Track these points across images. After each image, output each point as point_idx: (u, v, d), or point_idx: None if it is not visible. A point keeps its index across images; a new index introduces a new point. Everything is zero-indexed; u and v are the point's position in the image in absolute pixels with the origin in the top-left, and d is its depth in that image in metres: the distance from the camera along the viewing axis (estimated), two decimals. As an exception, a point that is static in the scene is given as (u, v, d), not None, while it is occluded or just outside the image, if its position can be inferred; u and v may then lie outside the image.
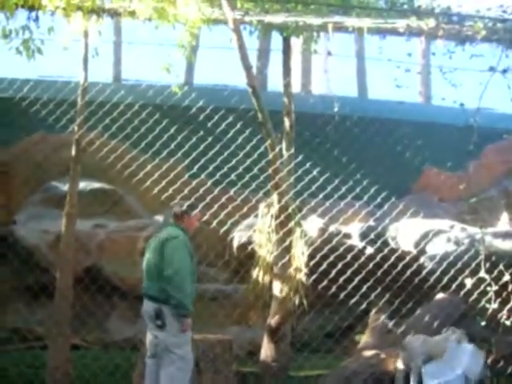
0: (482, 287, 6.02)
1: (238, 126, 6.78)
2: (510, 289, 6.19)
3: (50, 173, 9.52)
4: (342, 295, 6.71)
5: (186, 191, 7.07)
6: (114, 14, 5.97)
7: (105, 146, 7.58)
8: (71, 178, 6.95)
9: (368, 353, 7.34)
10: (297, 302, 6.73)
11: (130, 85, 10.02)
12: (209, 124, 6.88)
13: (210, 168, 6.90)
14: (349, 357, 8.01)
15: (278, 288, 7.00)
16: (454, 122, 10.30)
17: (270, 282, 6.95)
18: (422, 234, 7.69)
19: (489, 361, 6.53)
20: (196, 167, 7.15)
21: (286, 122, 7.49)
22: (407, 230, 7.93)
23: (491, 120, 9.71)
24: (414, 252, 7.45)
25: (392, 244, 7.73)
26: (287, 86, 7.60)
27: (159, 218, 9.24)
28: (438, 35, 5.66)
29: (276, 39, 7.58)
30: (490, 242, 6.99)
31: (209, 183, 7.41)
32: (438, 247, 7.36)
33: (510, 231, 7.89)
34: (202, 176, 7.22)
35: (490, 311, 6.01)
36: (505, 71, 6.19)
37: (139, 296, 7.41)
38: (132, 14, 6.02)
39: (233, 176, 7.04)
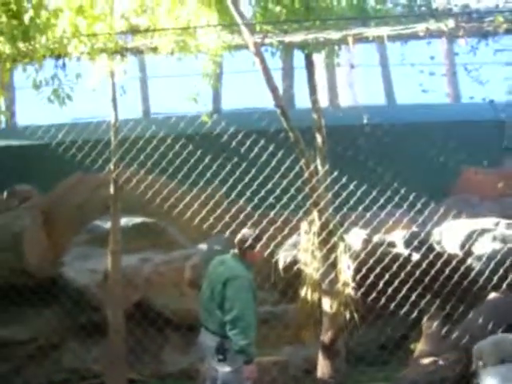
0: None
1: (271, 148, 6.79)
2: None
3: (90, 213, 9.67)
4: (391, 306, 6.67)
5: (226, 218, 7.13)
6: (137, 51, 6.10)
7: (142, 182, 7.73)
8: (112, 216, 7.09)
9: (425, 361, 7.26)
10: (348, 316, 6.68)
11: (160, 119, 10.16)
12: (242, 149, 6.92)
13: (248, 193, 6.90)
14: (405, 367, 7.98)
15: (327, 304, 6.98)
16: (485, 119, 10.25)
17: (319, 299, 6.93)
18: (466, 235, 7.59)
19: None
20: (234, 193, 7.20)
21: (318, 138, 7.49)
22: (451, 232, 7.83)
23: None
24: (461, 254, 7.34)
25: (437, 248, 7.62)
26: (315, 102, 7.63)
27: (203, 246, 9.30)
28: (459, 35, 5.64)
29: (299, 57, 7.61)
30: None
31: (248, 208, 7.40)
32: (484, 246, 7.25)
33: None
34: (241, 202, 7.26)
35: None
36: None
37: (191, 326, 7.52)
38: (154, 50, 6.15)
39: (271, 199, 7.07)
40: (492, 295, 7.79)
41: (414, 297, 6.61)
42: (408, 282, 6.70)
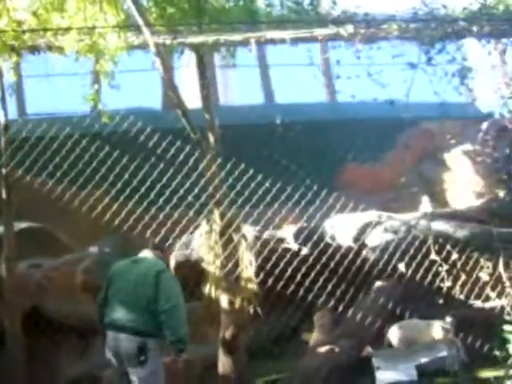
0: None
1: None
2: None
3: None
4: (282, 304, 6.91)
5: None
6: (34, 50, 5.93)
7: (30, 185, 7.45)
8: (4, 221, 6.82)
9: (322, 349, 7.58)
10: (251, 311, 6.83)
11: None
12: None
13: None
14: (298, 357, 8.31)
15: (225, 301, 7.05)
16: (382, 118, 10.77)
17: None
18: (359, 228, 8.00)
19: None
20: (124, 195, 7.09)
21: (211, 137, 7.54)
22: (343, 225, 8.20)
23: (402, 111, 10.20)
24: (355, 246, 7.71)
25: (331, 242, 7.96)
26: (205, 100, 7.67)
27: (93, 249, 9.13)
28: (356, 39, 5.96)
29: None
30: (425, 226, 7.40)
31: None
32: (377, 238, 7.68)
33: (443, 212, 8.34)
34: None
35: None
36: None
37: (86, 330, 7.36)
38: (50, 49, 6.00)
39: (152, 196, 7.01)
40: (378, 284, 8.27)
41: (302, 291, 6.84)
42: (296, 276, 6.89)
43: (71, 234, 9.45)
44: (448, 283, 6.97)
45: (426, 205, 9.14)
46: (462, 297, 6.66)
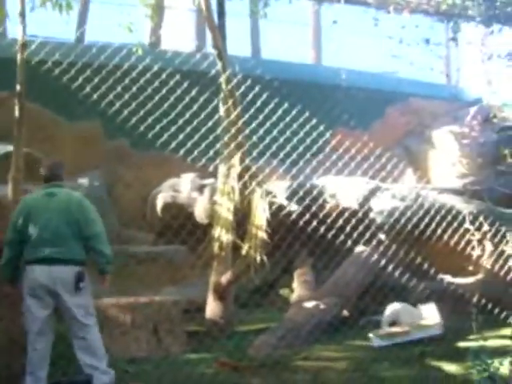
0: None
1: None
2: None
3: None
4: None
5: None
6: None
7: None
8: (15, 141, 6.60)
9: (307, 304, 7.78)
10: (258, 259, 6.92)
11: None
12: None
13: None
14: (276, 309, 8.52)
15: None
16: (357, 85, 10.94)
17: (233, 242, 7.11)
18: (368, 190, 8.18)
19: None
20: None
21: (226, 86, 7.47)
22: (348, 186, 8.36)
23: (394, 84, 10.40)
24: (358, 208, 7.88)
25: (331, 201, 8.11)
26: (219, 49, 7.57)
27: (83, 181, 9.00)
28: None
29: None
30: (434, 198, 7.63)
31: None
32: (384, 203, 7.88)
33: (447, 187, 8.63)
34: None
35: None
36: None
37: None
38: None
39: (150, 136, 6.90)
40: (360, 248, 8.51)
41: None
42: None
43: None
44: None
45: (410, 178, 9.41)
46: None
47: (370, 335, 6.97)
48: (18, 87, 6.59)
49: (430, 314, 7.12)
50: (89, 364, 5.07)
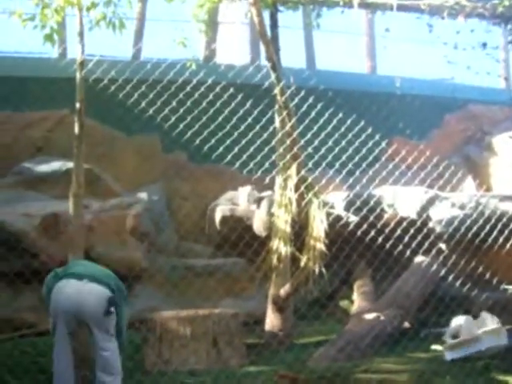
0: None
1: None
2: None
3: (18, 154, 9.19)
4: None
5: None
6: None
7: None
8: (76, 157, 6.76)
9: (368, 316, 7.68)
10: (317, 271, 6.89)
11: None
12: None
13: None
14: (335, 321, 8.45)
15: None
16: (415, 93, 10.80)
17: (291, 254, 7.12)
18: (426, 200, 8.07)
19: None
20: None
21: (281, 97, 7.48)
22: (406, 196, 8.26)
23: (451, 90, 10.23)
24: (416, 218, 7.78)
25: (389, 210, 8.02)
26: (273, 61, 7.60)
27: (142, 195, 9.15)
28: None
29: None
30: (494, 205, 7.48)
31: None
32: (443, 212, 7.75)
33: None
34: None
35: None
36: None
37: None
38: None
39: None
40: (420, 258, 8.37)
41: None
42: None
43: (116, 178, 9.48)
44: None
45: (470, 186, 9.22)
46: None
47: (440, 348, 6.80)
48: (77, 105, 6.78)
49: (493, 325, 6.92)
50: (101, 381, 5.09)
